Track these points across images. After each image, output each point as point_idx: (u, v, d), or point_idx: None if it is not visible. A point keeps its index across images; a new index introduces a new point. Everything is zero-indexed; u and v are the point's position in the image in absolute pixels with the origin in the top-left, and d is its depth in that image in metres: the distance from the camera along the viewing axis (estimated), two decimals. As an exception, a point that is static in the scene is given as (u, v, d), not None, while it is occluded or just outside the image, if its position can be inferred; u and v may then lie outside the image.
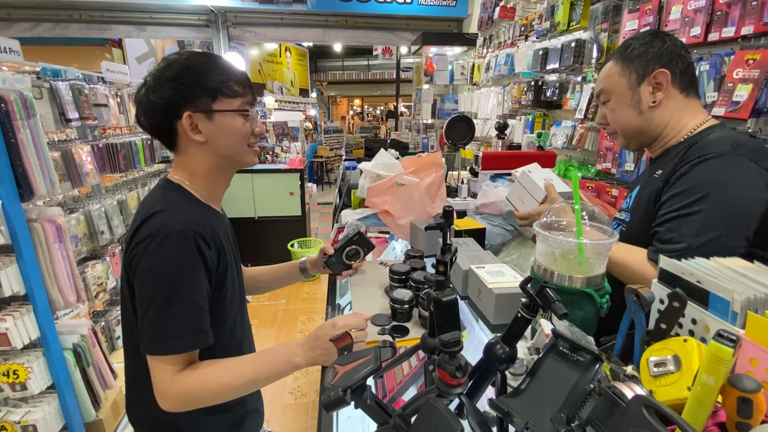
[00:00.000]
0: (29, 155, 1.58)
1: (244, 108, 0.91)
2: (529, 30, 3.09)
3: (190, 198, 0.92)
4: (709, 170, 0.89)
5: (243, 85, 0.91)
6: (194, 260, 0.82)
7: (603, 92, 1.09)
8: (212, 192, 0.97)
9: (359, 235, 1.21)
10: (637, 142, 1.09)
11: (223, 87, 0.88)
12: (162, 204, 0.85)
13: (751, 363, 0.49)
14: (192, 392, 0.82)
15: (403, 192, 1.63)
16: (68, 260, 1.76)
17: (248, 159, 0.96)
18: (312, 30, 5.26)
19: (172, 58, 0.89)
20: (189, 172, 0.93)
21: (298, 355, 0.89)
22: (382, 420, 0.57)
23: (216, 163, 0.93)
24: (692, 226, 0.87)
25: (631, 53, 1.02)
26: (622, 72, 1.03)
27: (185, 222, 0.83)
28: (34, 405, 1.69)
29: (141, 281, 0.82)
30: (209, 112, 0.87)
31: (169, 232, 0.80)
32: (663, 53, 1.00)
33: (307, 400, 2.70)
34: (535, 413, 0.48)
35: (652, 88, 1.01)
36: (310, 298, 4.11)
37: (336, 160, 9.81)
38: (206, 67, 0.88)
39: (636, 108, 1.03)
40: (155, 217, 0.83)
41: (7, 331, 1.52)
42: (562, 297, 0.52)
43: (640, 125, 1.05)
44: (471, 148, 2.34)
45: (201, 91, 0.86)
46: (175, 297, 0.80)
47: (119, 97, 2.62)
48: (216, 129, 0.89)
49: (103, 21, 4.80)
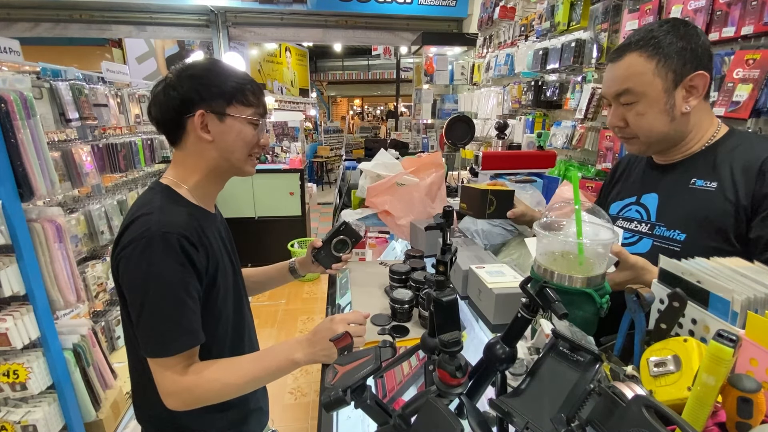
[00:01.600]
0: (29, 155, 1.58)
1: (255, 118, 0.93)
2: (529, 30, 3.09)
3: (176, 199, 0.92)
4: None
5: (257, 96, 0.94)
6: (179, 262, 0.83)
7: (628, 93, 0.91)
8: (205, 192, 0.98)
9: (345, 225, 1.21)
10: (658, 148, 0.99)
11: (240, 94, 0.91)
12: (146, 207, 0.86)
13: (751, 363, 0.49)
14: (195, 391, 0.84)
15: (403, 192, 1.63)
16: (68, 260, 1.76)
17: (246, 168, 0.98)
18: (312, 30, 5.26)
19: (194, 60, 0.94)
20: (186, 169, 0.94)
21: (298, 352, 0.90)
22: (382, 420, 0.57)
23: (216, 164, 0.94)
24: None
25: (669, 48, 0.87)
26: (657, 71, 0.88)
27: (168, 225, 0.83)
28: (34, 405, 1.69)
29: (129, 287, 0.84)
30: (222, 115, 0.90)
31: (151, 236, 0.81)
32: (698, 50, 0.87)
33: (307, 400, 2.70)
34: (535, 413, 0.47)
35: (685, 92, 0.89)
36: (310, 298, 4.11)
37: (336, 160, 9.81)
38: (227, 73, 0.91)
39: (668, 114, 0.90)
40: (138, 221, 0.84)
41: (7, 331, 1.52)
42: (562, 297, 0.52)
43: (668, 132, 0.93)
44: (471, 148, 2.34)
45: (218, 93, 0.89)
46: (162, 301, 0.81)
47: (119, 97, 2.62)
48: (225, 131, 0.91)
49: (103, 21, 4.80)
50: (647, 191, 1.02)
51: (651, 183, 1.03)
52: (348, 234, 1.21)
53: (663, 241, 0.96)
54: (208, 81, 0.89)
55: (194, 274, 0.86)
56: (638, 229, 1.02)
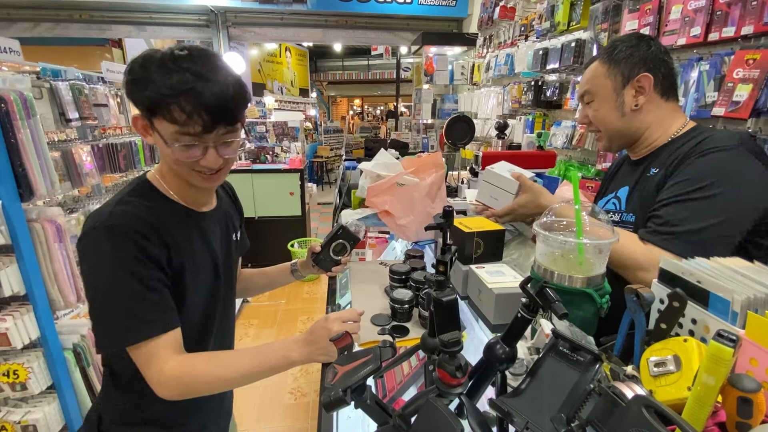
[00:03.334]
0: (29, 155, 1.58)
1: (180, 138, 0.78)
2: (529, 30, 3.09)
3: (145, 194, 0.88)
4: (717, 161, 0.89)
5: (193, 114, 0.75)
6: (129, 254, 0.79)
7: (588, 93, 1.09)
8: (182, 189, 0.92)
9: (343, 229, 1.21)
10: (619, 143, 1.11)
11: (161, 106, 0.75)
12: (108, 203, 0.84)
13: (751, 363, 0.49)
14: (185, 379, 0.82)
15: (403, 192, 1.63)
16: (68, 260, 1.76)
17: (193, 181, 0.87)
18: (312, 30, 5.26)
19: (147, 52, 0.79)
20: (162, 164, 0.91)
21: (295, 351, 0.89)
22: (382, 420, 0.57)
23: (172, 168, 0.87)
24: (693, 210, 0.87)
25: (618, 55, 1.02)
26: (608, 74, 1.04)
27: (116, 217, 0.80)
28: (34, 405, 1.69)
29: (83, 280, 0.82)
30: (150, 124, 0.80)
31: (99, 228, 0.79)
32: (647, 57, 1.00)
33: (307, 400, 2.70)
34: (535, 413, 0.47)
35: (634, 91, 1.02)
36: (310, 298, 4.11)
37: (336, 160, 9.81)
38: (155, 77, 0.75)
39: (619, 110, 1.04)
40: (91, 216, 0.82)
41: (7, 331, 1.52)
42: (562, 297, 0.52)
43: (621, 127, 1.06)
44: (471, 148, 2.33)
45: (139, 99, 0.77)
46: (108, 294, 0.79)
47: (119, 97, 2.61)
48: (157, 140, 0.82)
49: (103, 21, 4.80)
50: (622, 185, 1.12)
51: (626, 177, 1.13)
52: (346, 237, 1.21)
53: (623, 225, 1.06)
54: (137, 80, 0.77)
55: (153, 266, 0.82)
56: (612, 218, 1.10)
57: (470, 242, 1.12)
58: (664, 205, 0.93)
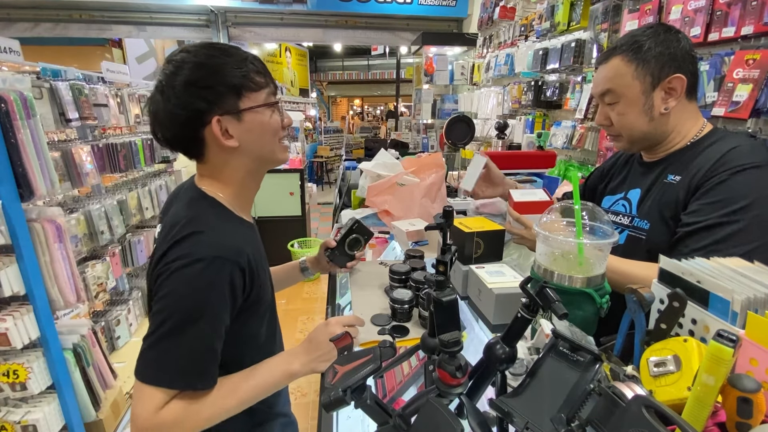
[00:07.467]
0: (29, 155, 1.58)
1: (270, 99, 0.82)
2: (529, 30, 3.10)
3: (227, 215, 0.83)
4: (751, 180, 0.85)
5: (263, 74, 0.81)
6: (222, 293, 0.74)
7: (610, 93, 0.99)
8: (245, 201, 0.89)
9: (358, 223, 1.22)
10: (641, 146, 1.05)
11: (246, 81, 0.78)
12: (196, 223, 0.77)
13: (751, 363, 0.49)
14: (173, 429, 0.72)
15: (404, 192, 1.63)
16: (68, 260, 1.76)
17: (280, 156, 0.88)
18: (312, 30, 5.26)
19: (179, 58, 0.77)
20: (220, 182, 0.85)
21: (294, 363, 0.86)
22: (382, 420, 0.57)
23: (250, 168, 0.86)
24: (731, 236, 0.83)
25: (647, 54, 0.92)
26: (636, 74, 0.94)
27: (222, 248, 0.75)
28: (34, 405, 1.69)
29: (158, 300, 0.74)
30: (238, 113, 0.79)
31: (201, 257, 0.72)
32: (677, 54, 0.92)
33: (307, 400, 2.70)
34: (535, 413, 0.47)
35: (664, 93, 0.94)
36: (310, 298, 4.11)
37: (336, 160, 9.81)
38: (223, 62, 0.77)
39: (647, 114, 0.96)
40: (190, 238, 0.74)
41: (7, 331, 1.52)
42: (562, 297, 0.52)
43: (648, 131, 0.98)
44: (471, 148, 2.34)
45: (225, 91, 0.77)
46: (188, 328, 0.72)
47: (119, 97, 2.62)
48: (247, 129, 0.80)
49: (103, 21, 4.80)
50: (633, 187, 1.08)
51: (637, 179, 1.08)
52: (361, 232, 1.22)
53: (634, 230, 1.01)
54: (209, 80, 0.76)
55: (232, 307, 0.78)
56: (621, 221, 1.07)
57: (470, 242, 1.12)
58: (699, 229, 0.86)
